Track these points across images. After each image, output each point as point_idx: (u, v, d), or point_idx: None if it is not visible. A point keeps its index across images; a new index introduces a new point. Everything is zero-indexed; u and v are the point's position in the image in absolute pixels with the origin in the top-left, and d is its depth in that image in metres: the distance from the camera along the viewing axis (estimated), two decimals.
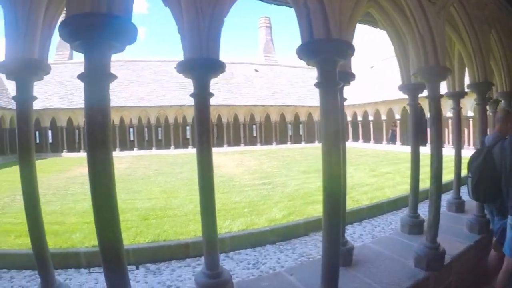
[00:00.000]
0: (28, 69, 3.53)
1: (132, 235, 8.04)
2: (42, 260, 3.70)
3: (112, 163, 2.48)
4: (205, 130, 3.53)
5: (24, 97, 3.59)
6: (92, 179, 2.48)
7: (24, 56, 3.44)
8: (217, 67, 3.53)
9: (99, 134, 2.41)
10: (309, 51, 3.33)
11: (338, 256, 3.58)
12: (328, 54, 3.26)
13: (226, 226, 8.44)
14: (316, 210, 9.62)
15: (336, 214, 3.47)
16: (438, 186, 4.68)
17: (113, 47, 2.46)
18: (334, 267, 3.50)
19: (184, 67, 3.51)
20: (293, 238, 8.21)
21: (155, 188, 14.39)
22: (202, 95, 3.51)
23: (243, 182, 14.75)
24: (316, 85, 3.36)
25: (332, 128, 3.24)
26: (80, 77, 2.48)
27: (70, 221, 9.34)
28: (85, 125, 2.51)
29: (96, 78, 2.44)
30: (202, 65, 3.46)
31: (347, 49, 3.31)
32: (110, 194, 2.50)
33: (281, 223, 8.66)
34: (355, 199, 10.78)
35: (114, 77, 2.52)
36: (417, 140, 6.50)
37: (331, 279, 3.48)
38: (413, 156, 6.33)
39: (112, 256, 2.59)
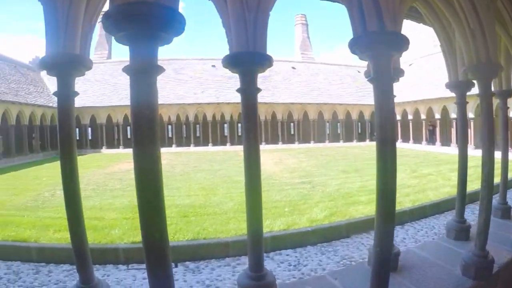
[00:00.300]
0: (69, 65, 3.49)
1: (172, 232, 7.85)
2: (82, 256, 3.66)
3: (160, 159, 2.39)
4: (252, 126, 3.40)
5: (65, 93, 3.54)
6: (138, 176, 2.39)
7: (65, 51, 3.38)
8: (265, 61, 3.40)
9: (146, 129, 2.31)
10: (362, 44, 3.15)
11: (389, 262, 3.40)
12: (382, 47, 3.07)
13: (267, 225, 8.17)
14: (357, 211, 9.39)
15: (391, 217, 3.30)
16: (490, 190, 4.45)
17: (160, 38, 2.35)
18: (385, 274, 3.32)
19: (230, 62, 3.39)
20: (335, 239, 8.01)
21: (194, 185, 14.37)
22: (249, 90, 3.39)
23: (282, 181, 14.58)
24: (370, 80, 3.19)
25: (388, 125, 3.05)
26: (126, 70, 2.39)
27: (110, 216, 9.44)
28: (131, 120, 2.41)
29: (143, 71, 2.34)
30: (249, 59, 3.34)
31: (402, 42, 3.12)
32: (157, 191, 2.41)
33: (322, 223, 8.45)
34: (397, 201, 10.44)
35: (161, 69, 2.41)
36: (466, 141, 6.20)
37: (381, 286, 3.29)
38: (461, 158, 6.02)
39: (157, 255, 2.48)
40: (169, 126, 39.26)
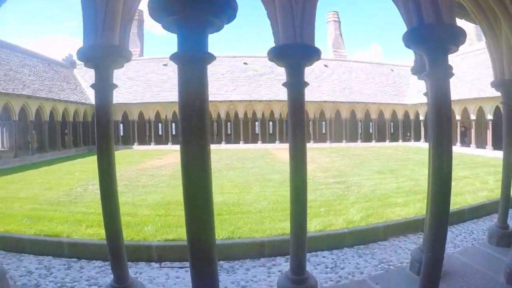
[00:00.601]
0: (108, 56, 3.41)
1: None
2: (117, 253, 3.57)
3: (209, 153, 2.34)
4: (299, 121, 3.26)
5: (104, 85, 3.47)
6: (185, 170, 2.32)
7: (103, 42, 3.29)
8: (313, 54, 3.24)
9: (195, 121, 2.21)
10: (418, 37, 2.98)
11: (441, 268, 3.22)
12: (440, 40, 2.89)
13: None
14: (394, 213, 9.11)
15: (444, 221, 3.10)
16: None
17: (211, 24, 2.22)
18: (436, 280, 3.15)
19: (276, 54, 3.25)
20: (372, 242, 7.76)
21: (227, 183, 14.12)
22: (296, 84, 3.25)
23: (316, 180, 14.28)
24: (425, 76, 3.00)
25: (445, 124, 2.86)
26: (173, 58, 2.25)
27: (142, 213, 9.37)
28: (179, 112, 2.32)
29: (193, 58, 2.21)
30: (297, 51, 3.19)
31: (460, 35, 2.93)
32: (205, 187, 2.39)
33: (359, 225, 8.22)
34: None
35: (212, 57, 2.30)
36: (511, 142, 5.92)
37: None
38: (505, 160, 5.77)
39: (202, 254, 2.47)
40: None
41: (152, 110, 37.59)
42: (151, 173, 17.52)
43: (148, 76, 40.53)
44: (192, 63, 2.22)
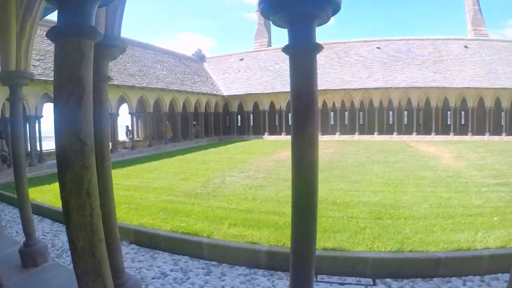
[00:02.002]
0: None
1: (369, 238, 6.65)
2: (304, 265, 2.84)
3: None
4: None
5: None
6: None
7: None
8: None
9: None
10: None
11: None
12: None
13: (479, 239, 6.43)
14: None
15: None
16: None
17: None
18: None
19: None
20: None
21: (376, 179, 12.77)
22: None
23: (473, 180, 12.22)
24: None
25: None
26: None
27: (289, 211, 8.32)
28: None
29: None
30: None
31: None
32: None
33: None
34: None
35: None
36: None
37: None
38: None
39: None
40: (332, 113, 38.04)
41: (284, 100, 37.12)
42: (288, 165, 16.45)
43: (278, 66, 40.26)
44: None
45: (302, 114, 2.39)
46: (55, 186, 13.55)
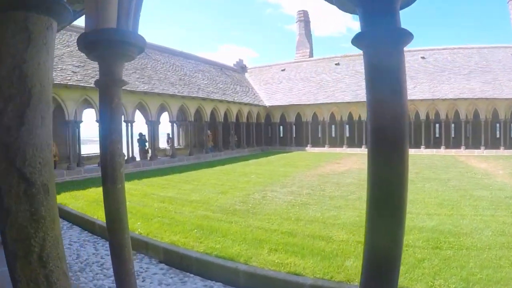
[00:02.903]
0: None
1: (428, 274, 5.62)
2: None
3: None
4: None
5: None
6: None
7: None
8: None
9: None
10: None
11: None
12: None
13: None
14: None
15: None
16: None
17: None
18: None
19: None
20: None
21: (429, 199, 11.43)
22: None
23: None
24: None
25: None
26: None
27: (338, 236, 7.60)
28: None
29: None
30: None
31: None
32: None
33: None
34: None
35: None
36: None
37: None
38: None
39: None
40: None
41: (327, 111, 36.57)
42: (334, 181, 15.84)
43: (320, 77, 39.97)
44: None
45: (384, 128, 1.70)
46: (89, 192, 13.78)
